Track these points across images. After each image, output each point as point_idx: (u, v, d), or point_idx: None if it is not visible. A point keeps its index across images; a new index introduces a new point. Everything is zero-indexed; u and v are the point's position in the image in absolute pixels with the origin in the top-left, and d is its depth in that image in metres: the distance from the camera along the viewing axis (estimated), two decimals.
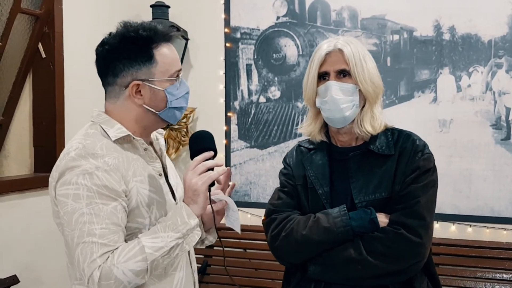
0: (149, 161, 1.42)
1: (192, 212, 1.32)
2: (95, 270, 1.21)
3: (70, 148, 1.31)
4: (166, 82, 1.37)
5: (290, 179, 1.60)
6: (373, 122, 1.51)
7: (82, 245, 1.23)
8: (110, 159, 1.30)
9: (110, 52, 1.35)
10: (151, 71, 1.35)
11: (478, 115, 2.82)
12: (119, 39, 1.35)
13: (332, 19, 3.07)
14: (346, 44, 1.49)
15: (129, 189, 1.31)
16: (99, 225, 1.24)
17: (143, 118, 1.39)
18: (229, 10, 3.25)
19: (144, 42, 1.34)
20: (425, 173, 1.47)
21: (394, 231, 1.42)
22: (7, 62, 2.65)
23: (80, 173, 1.26)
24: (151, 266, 1.25)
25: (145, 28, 1.35)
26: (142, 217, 1.34)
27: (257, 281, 2.99)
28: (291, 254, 1.51)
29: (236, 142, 3.29)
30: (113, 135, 1.35)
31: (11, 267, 2.53)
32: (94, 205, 1.25)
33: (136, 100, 1.36)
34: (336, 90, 1.47)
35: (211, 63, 3.30)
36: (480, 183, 2.82)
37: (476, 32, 2.81)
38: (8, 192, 2.55)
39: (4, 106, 2.69)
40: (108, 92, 1.40)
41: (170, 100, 1.38)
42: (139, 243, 1.25)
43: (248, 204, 3.24)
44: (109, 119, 1.38)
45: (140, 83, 1.35)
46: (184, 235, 1.30)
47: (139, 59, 1.34)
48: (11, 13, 2.53)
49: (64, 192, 1.27)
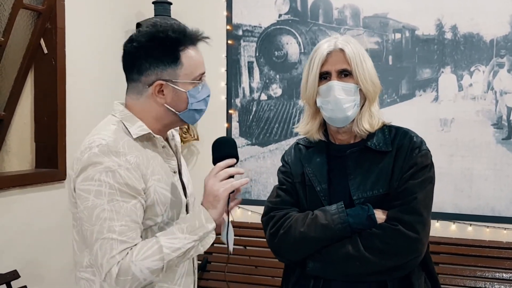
0: (166, 159, 1.44)
1: (210, 216, 1.35)
2: (114, 266, 1.24)
3: (93, 143, 1.32)
4: (189, 84, 1.38)
5: (289, 177, 1.61)
6: (371, 120, 1.52)
7: (101, 241, 1.26)
8: (131, 157, 1.32)
9: (138, 49, 1.36)
10: (176, 72, 1.36)
11: (479, 114, 2.82)
12: (148, 38, 1.36)
13: (334, 17, 3.07)
14: (347, 44, 1.50)
15: (148, 187, 1.34)
16: (119, 222, 1.27)
17: (163, 117, 1.41)
18: (231, 8, 3.25)
19: (172, 43, 1.35)
20: (422, 169, 1.48)
21: (391, 227, 1.43)
22: (9, 58, 2.65)
23: (103, 170, 1.28)
24: (166, 266, 1.29)
25: (175, 30, 1.36)
26: (156, 215, 1.37)
27: (257, 279, 3.00)
28: (290, 251, 1.51)
29: (237, 140, 3.29)
30: (135, 132, 1.37)
31: (12, 262, 2.54)
32: (115, 202, 1.27)
33: (158, 99, 1.38)
34: (339, 90, 1.48)
35: (212, 60, 3.30)
36: (481, 182, 2.82)
37: (478, 31, 2.81)
38: (9, 187, 2.56)
39: (6, 102, 2.69)
40: (131, 87, 1.42)
41: (191, 102, 1.39)
42: (157, 242, 1.28)
43: (249, 201, 3.25)
44: (131, 115, 1.40)
45: (163, 83, 1.36)
46: (200, 238, 1.33)
47: (165, 60, 1.35)
48: (13, 9, 2.53)
49: (86, 188, 1.29)
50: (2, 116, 2.69)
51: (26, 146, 2.85)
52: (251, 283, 2.99)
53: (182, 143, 3.26)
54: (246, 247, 3.12)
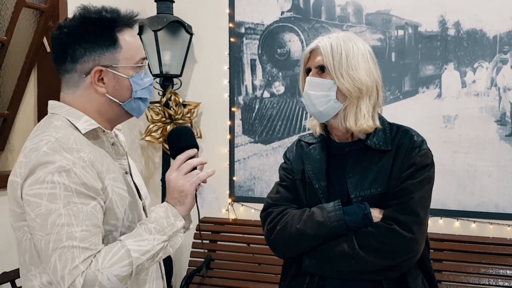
0: (115, 158, 1.32)
1: (178, 213, 1.26)
2: (78, 277, 1.11)
3: (40, 142, 1.18)
4: (130, 69, 1.27)
5: (289, 174, 1.61)
6: (357, 119, 1.48)
7: (60, 250, 1.12)
8: (85, 154, 1.19)
9: (69, 35, 1.23)
10: (115, 56, 1.25)
11: (482, 111, 2.81)
12: (79, 21, 1.24)
13: (337, 14, 3.06)
14: (329, 39, 1.49)
15: (105, 187, 1.22)
16: (79, 227, 1.13)
17: (107, 110, 1.28)
18: (233, 5, 3.25)
19: (107, 24, 1.24)
20: (421, 169, 1.46)
21: (386, 226, 1.42)
22: (12, 57, 2.66)
23: (55, 170, 1.14)
24: (136, 271, 1.18)
25: (108, 10, 1.26)
26: (116, 219, 1.25)
27: (260, 276, 3.01)
28: (286, 247, 1.52)
29: (240, 137, 3.29)
30: (82, 127, 1.24)
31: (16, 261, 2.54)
32: (72, 205, 1.14)
33: (98, 88, 1.25)
34: (310, 86, 1.50)
35: (215, 58, 3.30)
36: (484, 179, 2.81)
37: (481, 28, 2.79)
38: None
39: (9, 100, 2.71)
40: (65, 80, 1.28)
41: (135, 90, 1.28)
42: (123, 246, 1.17)
43: (252, 199, 3.25)
44: (73, 110, 1.26)
45: (103, 69, 1.24)
46: (170, 237, 1.24)
47: (102, 42, 1.24)
48: (16, 8, 2.54)
49: (37, 192, 1.14)
50: (5, 115, 2.70)
51: None
52: (255, 280, 2.99)
53: None
54: (250, 245, 3.13)
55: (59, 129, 1.22)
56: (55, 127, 1.22)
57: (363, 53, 1.49)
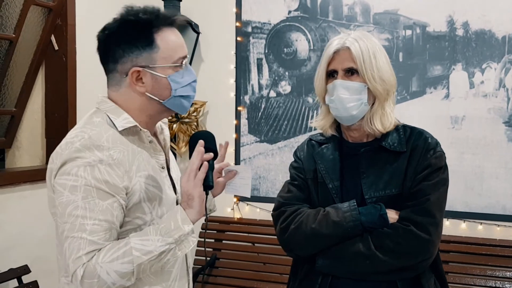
0: (153, 154, 1.36)
1: (187, 217, 1.26)
2: (79, 268, 1.16)
3: (75, 137, 1.25)
4: (169, 69, 1.29)
5: (301, 173, 1.60)
6: (384, 120, 1.49)
7: (70, 239, 1.18)
8: (115, 152, 1.24)
9: (109, 36, 1.29)
10: (153, 56, 1.28)
11: (491, 112, 2.80)
12: (119, 23, 1.28)
13: (344, 13, 3.05)
14: (355, 41, 1.47)
15: (132, 185, 1.26)
16: (91, 220, 1.18)
17: (147, 107, 1.32)
18: (240, 4, 3.25)
19: (144, 26, 1.27)
20: (436, 171, 1.46)
21: (403, 227, 1.41)
22: (20, 54, 2.67)
23: (81, 165, 1.20)
24: (137, 270, 1.19)
25: (146, 11, 1.28)
26: (143, 213, 1.28)
27: (265, 275, 3.01)
28: (300, 246, 1.51)
29: (246, 137, 3.29)
30: (120, 125, 1.29)
31: (23, 257, 2.56)
32: (90, 199, 1.19)
33: (138, 88, 1.29)
34: (342, 89, 1.47)
35: (222, 57, 3.30)
36: (492, 180, 2.80)
37: (490, 28, 2.78)
38: (20, 183, 2.58)
39: (17, 98, 2.72)
40: (110, 79, 1.33)
41: (174, 88, 1.30)
42: (127, 244, 1.20)
43: (257, 198, 3.25)
44: (116, 107, 1.31)
45: (140, 70, 1.27)
46: (176, 240, 1.23)
47: (139, 44, 1.27)
48: (24, 5, 2.55)
49: (63, 182, 1.21)
50: (13, 112, 2.71)
51: (37, 142, 2.87)
52: (259, 280, 2.99)
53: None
54: (255, 244, 3.13)
55: (96, 126, 1.28)
56: (93, 124, 1.29)
57: (384, 53, 1.50)
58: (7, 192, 2.53)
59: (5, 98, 2.66)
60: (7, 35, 2.53)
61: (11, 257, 2.52)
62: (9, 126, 2.72)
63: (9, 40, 2.54)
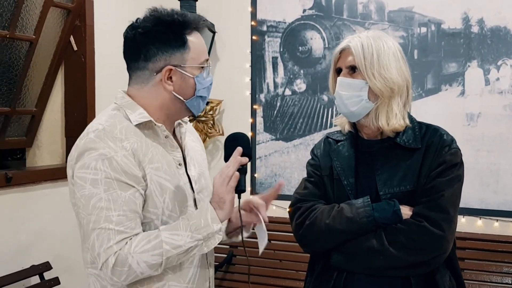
0: (169, 150, 1.39)
1: (217, 216, 1.30)
2: (111, 256, 1.22)
3: (90, 128, 1.30)
4: (196, 69, 1.36)
5: (317, 170, 1.62)
6: (389, 118, 1.49)
7: (98, 231, 1.23)
8: (128, 143, 1.28)
9: (144, 35, 1.33)
10: (184, 57, 1.34)
11: (506, 109, 2.79)
12: (154, 23, 1.33)
13: (359, 11, 3.06)
14: (359, 40, 1.49)
15: (145, 175, 1.30)
16: (116, 211, 1.24)
17: (169, 106, 1.37)
18: (255, 3, 3.27)
19: (179, 27, 1.33)
20: (451, 167, 1.47)
21: (417, 223, 1.43)
22: (40, 55, 2.72)
23: (98, 158, 1.24)
24: (165, 262, 1.25)
25: (179, 13, 1.35)
26: (155, 207, 1.32)
27: (281, 272, 3.03)
28: (314, 242, 1.53)
29: (261, 135, 3.31)
30: (135, 119, 1.33)
31: (44, 254, 2.61)
32: (112, 191, 1.24)
33: (167, 86, 1.34)
34: (341, 86, 1.50)
35: (237, 56, 3.33)
36: (507, 177, 2.79)
37: (505, 25, 2.77)
38: (41, 181, 2.63)
39: (37, 98, 2.77)
40: (135, 76, 1.37)
41: (198, 88, 1.36)
42: (158, 237, 1.25)
43: None
44: (132, 102, 1.36)
45: (172, 69, 1.33)
46: (204, 238, 1.28)
47: (174, 44, 1.33)
48: (44, 7, 2.60)
49: (83, 176, 1.26)
50: (33, 112, 2.76)
51: (57, 141, 2.92)
52: (276, 277, 3.02)
53: (208, 138, 3.30)
54: (271, 241, 3.15)
55: (111, 117, 1.33)
56: (109, 116, 1.34)
57: (394, 52, 1.50)
58: (28, 190, 2.58)
59: (26, 98, 2.72)
60: (27, 36, 2.58)
61: (33, 254, 2.57)
62: (30, 126, 2.78)
63: (29, 41, 2.59)
